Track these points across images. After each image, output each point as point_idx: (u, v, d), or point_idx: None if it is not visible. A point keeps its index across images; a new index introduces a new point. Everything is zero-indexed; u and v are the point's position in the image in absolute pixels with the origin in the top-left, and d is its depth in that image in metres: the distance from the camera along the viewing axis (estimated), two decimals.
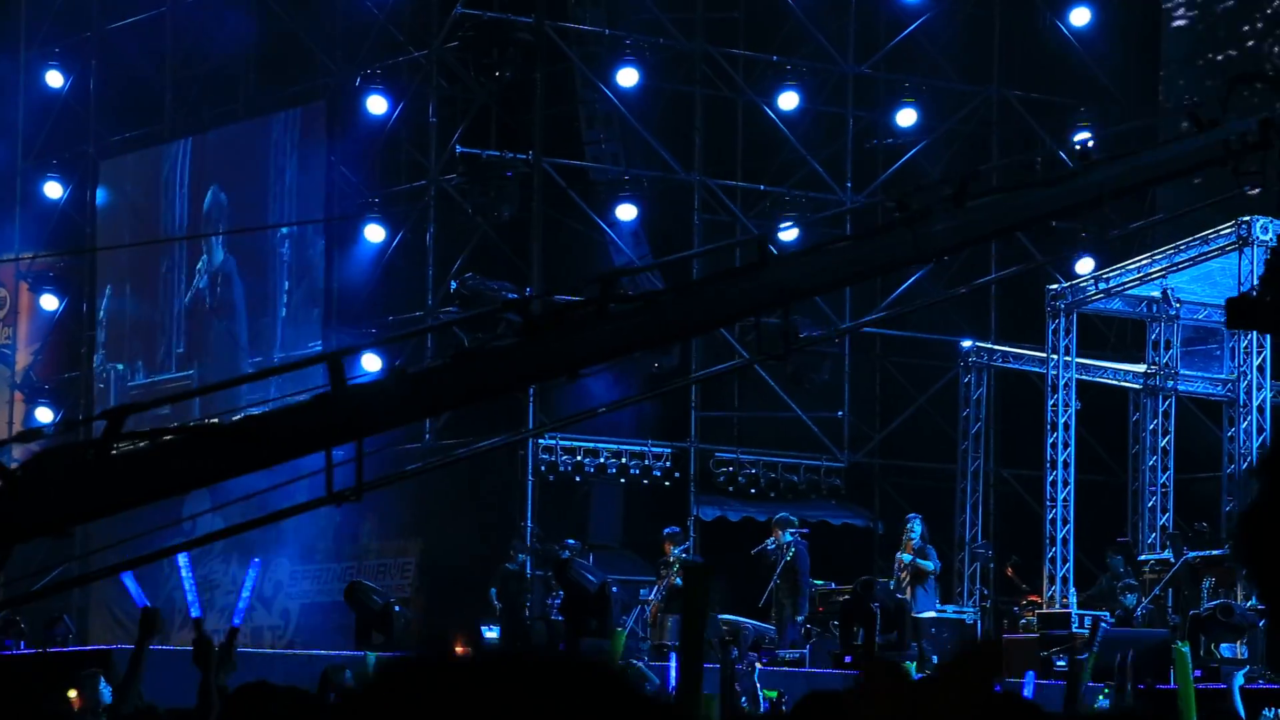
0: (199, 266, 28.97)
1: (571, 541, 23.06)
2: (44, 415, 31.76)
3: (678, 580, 22.33)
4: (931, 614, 22.21)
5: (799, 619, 22.08)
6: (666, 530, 22.59)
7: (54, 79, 31.58)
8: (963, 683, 2.25)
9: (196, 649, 8.68)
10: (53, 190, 31.60)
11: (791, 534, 22.33)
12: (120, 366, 29.79)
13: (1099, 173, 10.95)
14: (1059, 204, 11.01)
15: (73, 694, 15.42)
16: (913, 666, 18.40)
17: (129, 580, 10.40)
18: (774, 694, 18.26)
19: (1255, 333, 22.27)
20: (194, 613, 10.36)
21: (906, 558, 22.29)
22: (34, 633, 23.81)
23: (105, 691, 14.95)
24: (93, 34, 31.24)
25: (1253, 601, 21.00)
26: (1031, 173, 28.65)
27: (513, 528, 24.02)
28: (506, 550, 22.93)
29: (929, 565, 22.07)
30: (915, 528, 22.26)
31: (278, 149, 28.60)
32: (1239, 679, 17.48)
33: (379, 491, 28.24)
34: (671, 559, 22.20)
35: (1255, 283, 21.46)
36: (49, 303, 31.86)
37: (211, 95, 29.93)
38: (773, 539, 22.43)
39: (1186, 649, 11.18)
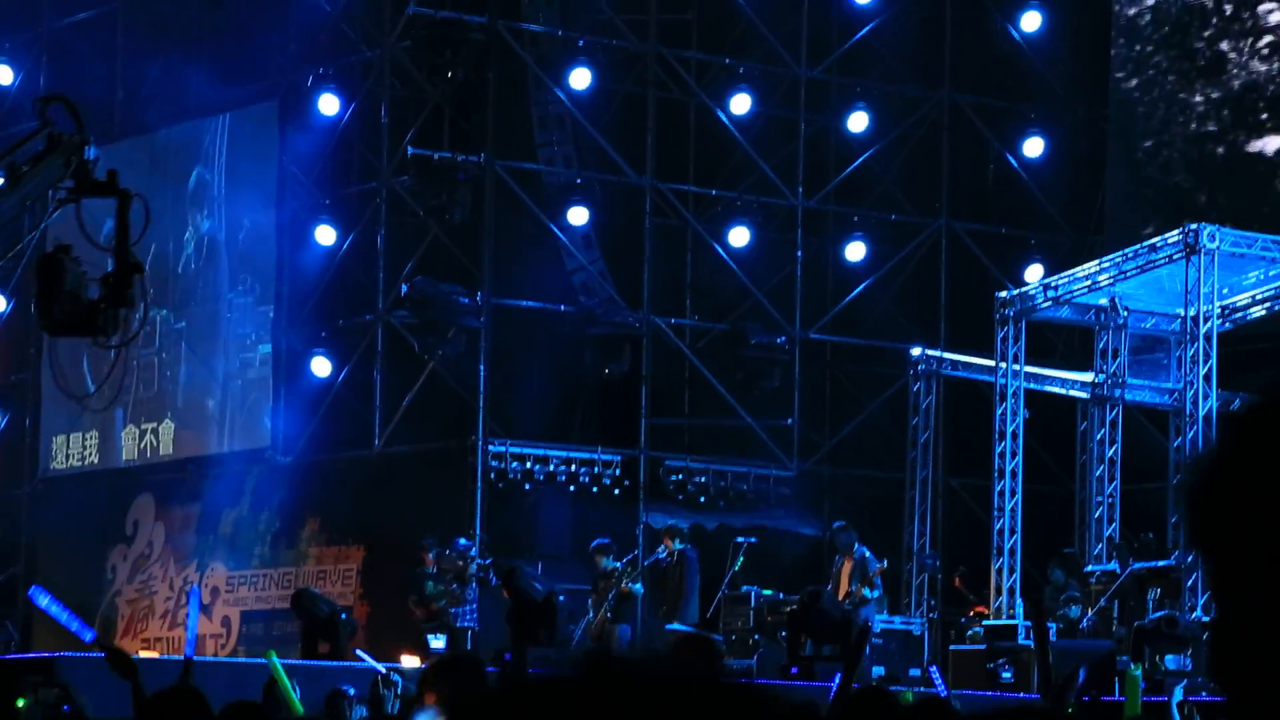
0: (185, 236, 28.80)
1: (463, 543, 22.96)
2: None
3: (634, 586, 22.29)
4: (877, 625, 22.20)
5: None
6: (595, 543, 22.54)
7: (3, 75, 31.36)
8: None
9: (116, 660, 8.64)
10: None
11: (681, 543, 22.32)
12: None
13: None
14: None
15: (21, 704, 15.36)
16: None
17: (40, 599, 10.25)
18: None
19: (1202, 342, 22.33)
20: (188, 653, 10.26)
21: (867, 591, 22.00)
22: None
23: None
24: (43, 30, 31.02)
25: (1198, 613, 21.08)
26: (985, 180, 28.84)
27: (461, 535, 23.94)
28: (425, 555, 22.82)
29: (872, 594, 21.93)
30: (864, 551, 22.14)
31: (227, 148, 28.45)
32: (1178, 693, 17.54)
33: (320, 497, 28.43)
34: (606, 569, 22.14)
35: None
36: None
37: (162, 93, 29.75)
38: (664, 548, 22.42)
39: (1139, 672, 11.23)
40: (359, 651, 17.91)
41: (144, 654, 24.48)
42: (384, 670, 14.89)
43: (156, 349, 29.23)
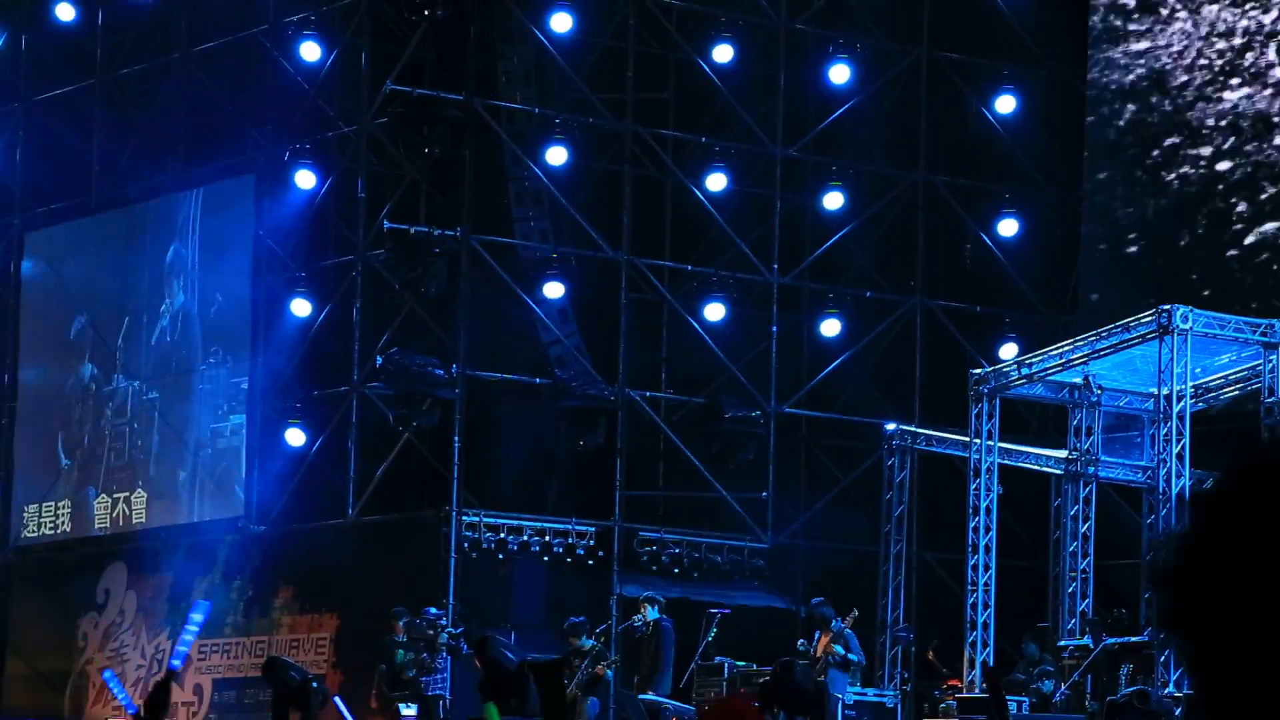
0: (162, 308, 28.81)
1: (433, 612, 22.93)
2: None
3: (608, 671, 22.28)
4: (850, 697, 22.18)
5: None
6: (570, 622, 22.58)
7: None
8: None
9: (153, 695, 8.55)
10: None
11: (657, 612, 22.37)
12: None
13: None
14: None
15: None
16: None
17: (112, 679, 10.28)
18: None
19: (1175, 421, 22.44)
20: (174, 664, 10.15)
21: (843, 651, 22.08)
22: None
23: None
24: (20, 105, 31.13)
25: (1170, 689, 21.08)
26: (960, 259, 29.05)
27: (435, 605, 23.89)
28: (396, 624, 22.80)
29: (852, 657, 21.98)
30: (842, 626, 22.19)
31: (202, 221, 28.53)
32: None
33: (294, 566, 28.41)
34: (585, 647, 22.16)
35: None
36: None
37: (139, 168, 29.85)
38: (640, 616, 22.46)
39: None
40: (337, 699, 17.80)
41: (118, 705, 24.34)
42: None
43: (129, 419, 29.21)
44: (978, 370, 24.67)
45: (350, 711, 15.85)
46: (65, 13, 30.50)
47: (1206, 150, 26.58)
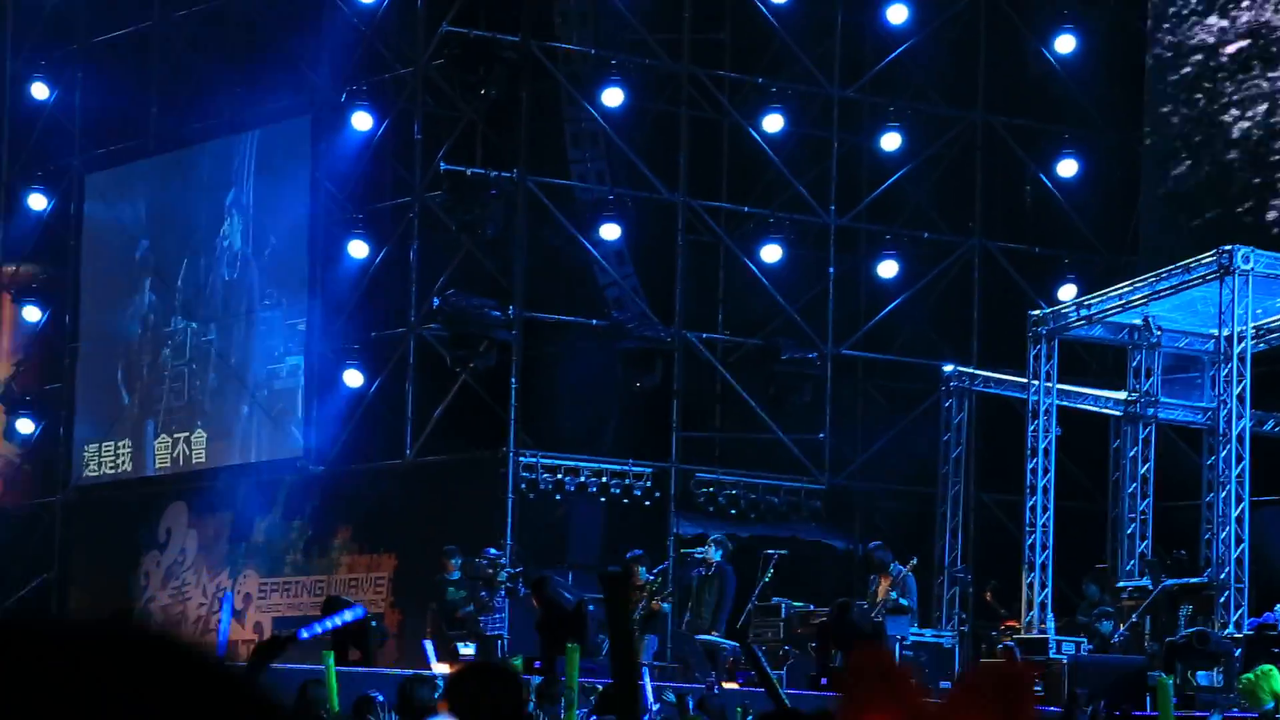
0: (219, 250, 28.86)
1: (492, 552, 23.01)
2: (25, 426, 31.72)
3: (664, 605, 22.34)
4: (909, 638, 22.18)
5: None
6: (630, 554, 22.61)
7: (39, 91, 31.54)
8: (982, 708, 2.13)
9: None
10: (37, 202, 31.55)
11: (721, 554, 22.37)
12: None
13: None
14: None
15: None
16: None
17: (227, 605, 10.30)
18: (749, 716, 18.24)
19: (1235, 362, 22.31)
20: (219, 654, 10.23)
21: (897, 596, 22.11)
22: None
23: None
24: (79, 47, 31.21)
25: (1229, 629, 21.01)
26: (1018, 200, 28.89)
27: (492, 545, 23.97)
28: (448, 563, 22.89)
29: (903, 601, 22.01)
30: (900, 569, 22.19)
31: (261, 163, 28.59)
32: (1216, 716, 17.48)
33: (352, 506, 28.49)
34: (640, 581, 22.18)
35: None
36: (31, 314, 31.83)
37: (196, 110, 29.90)
38: (703, 550, 22.46)
39: (1170, 681, 11.21)
40: (426, 643, 17.82)
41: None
42: (432, 672, 14.82)
43: (187, 360, 29.37)
44: (1036, 311, 24.56)
45: (436, 654, 15.86)
46: None
47: (1269, 89, 26.32)
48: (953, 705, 2.21)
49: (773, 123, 27.46)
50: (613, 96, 26.66)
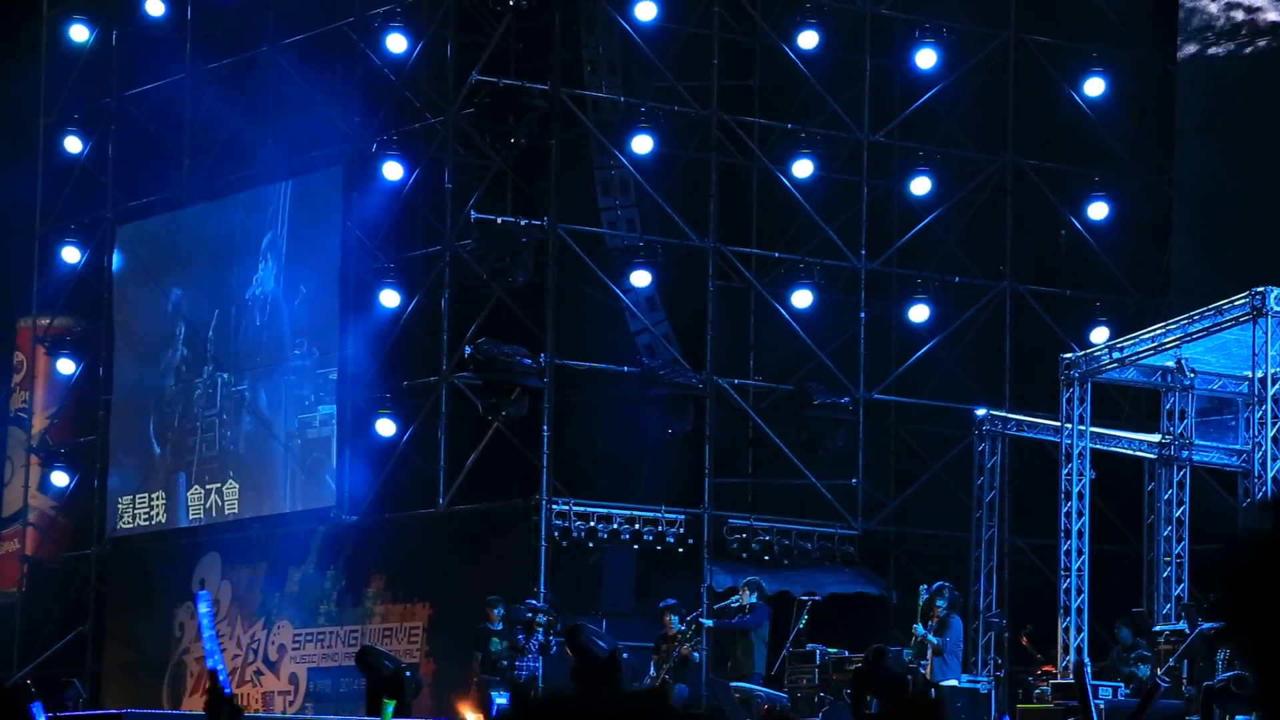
0: (250, 300, 28.98)
1: (533, 602, 23.02)
2: (59, 479, 31.81)
3: (695, 654, 22.34)
4: (954, 683, 22.11)
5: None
6: (664, 603, 22.61)
7: (72, 145, 31.75)
8: None
9: (208, 700, 8.58)
10: (70, 255, 31.72)
11: (755, 597, 22.40)
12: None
13: None
14: None
15: None
16: None
17: (206, 604, 10.34)
18: None
19: (1270, 403, 22.22)
20: (210, 664, 10.25)
21: (920, 629, 22.18)
22: (45, 697, 23.75)
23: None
24: (111, 100, 31.40)
25: None
26: (1049, 243, 28.85)
27: (525, 593, 23.97)
28: (491, 612, 22.93)
29: (935, 640, 21.98)
30: (943, 596, 22.19)
31: (291, 213, 28.70)
32: None
33: (385, 555, 28.50)
34: (673, 632, 22.18)
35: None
36: (65, 367, 31.94)
37: (228, 160, 30.06)
38: (737, 599, 22.49)
39: None
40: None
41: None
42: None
43: (218, 410, 29.44)
44: (1068, 354, 24.50)
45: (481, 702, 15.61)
46: (155, 8, 30.75)
47: None
48: None
49: (802, 168, 27.49)
50: (642, 144, 26.73)
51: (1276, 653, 1.90)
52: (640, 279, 26.64)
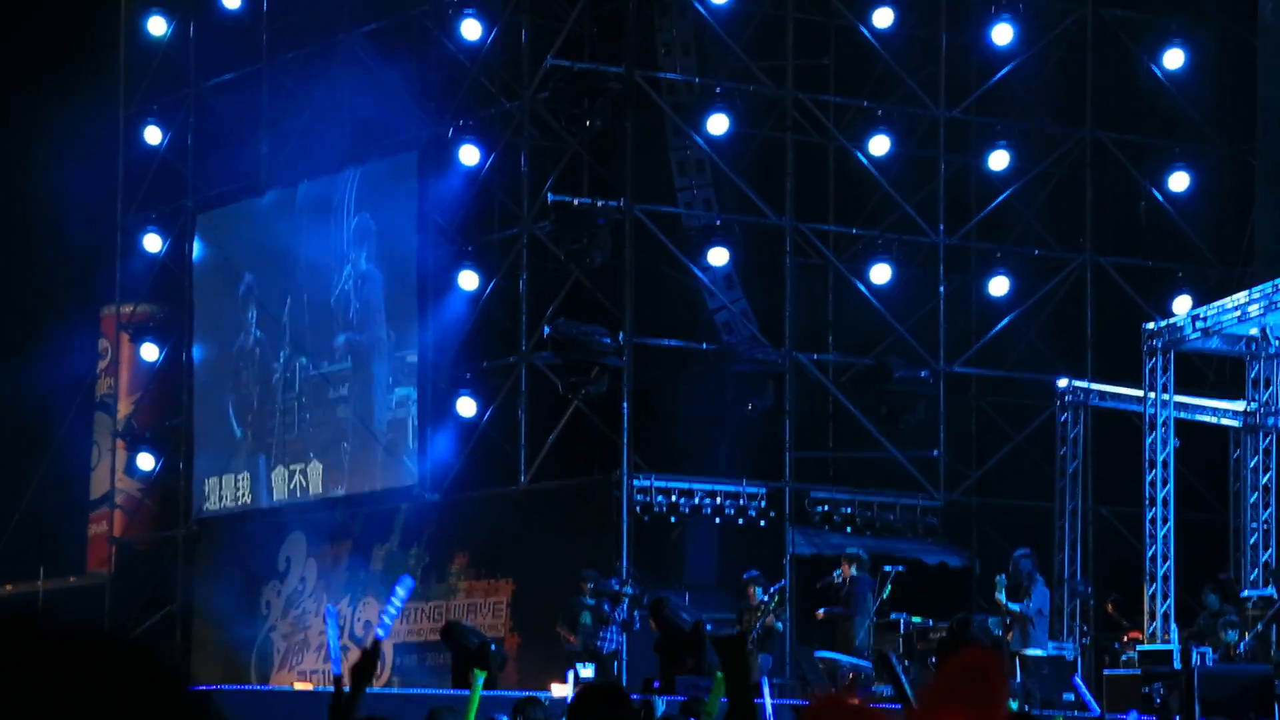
0: (329, 284, 29.17)
1: (616, 583, 23.02)
2: (145, 462, 32.11)
3: (778, 623, 22.34)
4: (1039, 653, 22.02)
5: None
6: (748, 574, 22.64)
7: (152, 135, 32.02)
8: (963, 700, 2.04)
9: (359, 663, 8.56)
10: (152, 243, 32.00)
11: (858, 571, 22.40)
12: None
13: None
14: None
15: None
16: (1014, 704, 18.26)
17: (332, 621, 10.46)
18: None
19: None
20: (335, 670, 10.34)
21: (1002, 597, 22.21)
22: None
23: None
24: (190, 91, 31.66)
25: None
26: (1129, 215, 28.70)
27: (607, 568, 24.02)
28: (584, 585, 23.00)
29: (1016, 608, 21.94)
30: (1016, 568, 22.20)
31: (370, 199, 28.85)
32: None
33: (469, 532, 28.62)
34: (756, 603, 22.20)
35: None
36: (149, 352, 32.24)
37: (305, 148, 30.23)
38: (839, 572, 22.49)
39: None
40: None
41: (299, 686, 24.70)
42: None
43: (297, 393, 29.64)
44: (1151, 325, 24.37)
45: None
46: (231, 0, 30.99)
47: None
48: (931, 700, 2.11)
49: (879, 145, 27.42)
50: (718, 124, 26.73)
51: None
52: (718, 257, 26.64)
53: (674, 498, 25.37)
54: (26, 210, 31.69)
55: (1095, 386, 25.63)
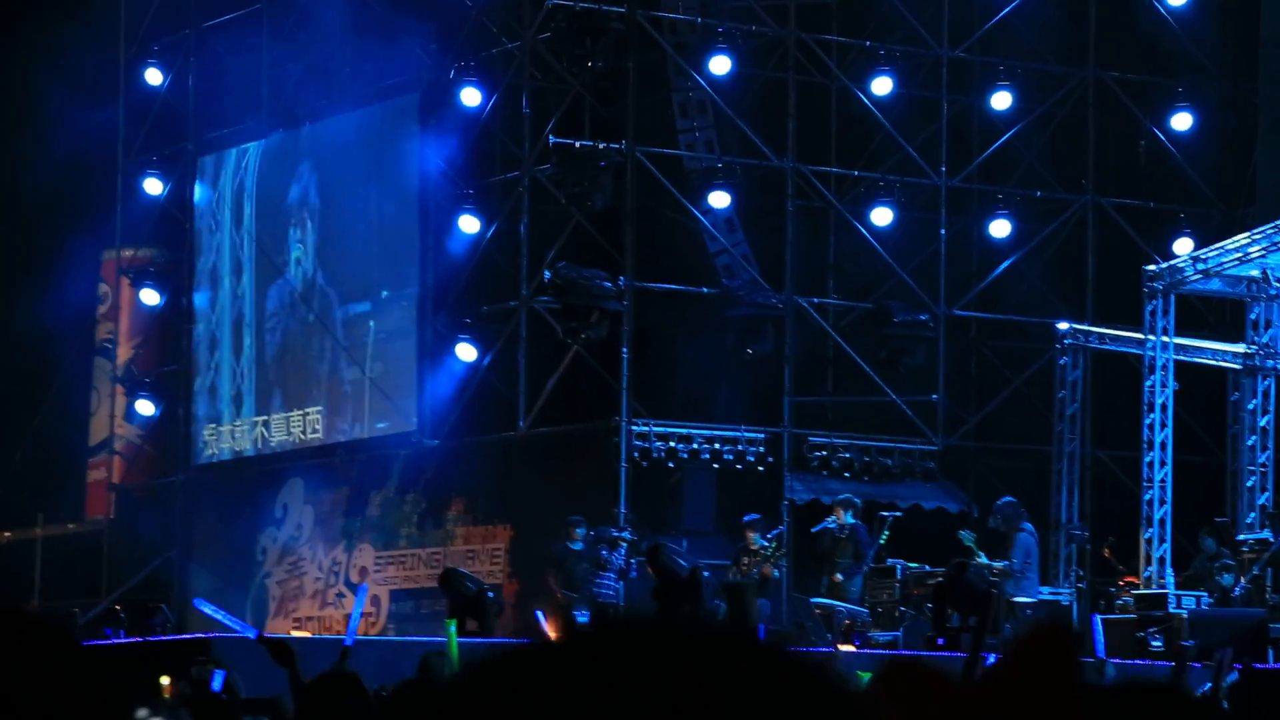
0: (330, 228, 29.13)
1: (614, 530, 22.99)
2: (145, 408, 32.12)
3: (775, 571, 22.33)
4: (1028, 600, 21.96)
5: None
6: (747, 518, 22.58)
7: (153, 77, 31.89)
8: (1035, 675, 1.97)
9: (276, 651, 8.58)
10: (153, 187, 31.92)
11: (853, 517, 22.33)
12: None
13: None
14: None
15: (165, 680, 15.48)
16: None
17: (208, 609, 10.52)
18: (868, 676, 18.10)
19: None
20: (347, 641, 10.38)
21: (977, 550, 22.08)
22: (133, 622, 24.08)
23: (217, 678, 14.84)
24: (190, 32, 31.52)
25: None
26: (1131, 156, 28.53)
27: (605, 514, 24.01)
28: (574, 532, 22.98)
29: (999, 565, 21.81)
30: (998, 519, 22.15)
31: (371, 141, 28.75)
32: None
33: (466, 478, 28.57)
34: (755, 546, 22.17)
35: None
36: (149, 297, 32.19)
37: (307, 89, 30.12)
38: (834, 518, 22.41)
39: None
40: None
41: (295, 633, 24.75)
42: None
43: (296, 339, 29.63)
44: (1152, 267, 24.26)
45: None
46: None
47: None
48: (1000, 679, 2.02)
49: (881, 85, 27.25)
50: (720, 65, 26.58)
51: None
52: (719, 200, 26.53)
53: (672, 443, 25.32)
54: (28, 154, 31.61)
55: (1095, 329, 25.53)
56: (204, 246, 31.21)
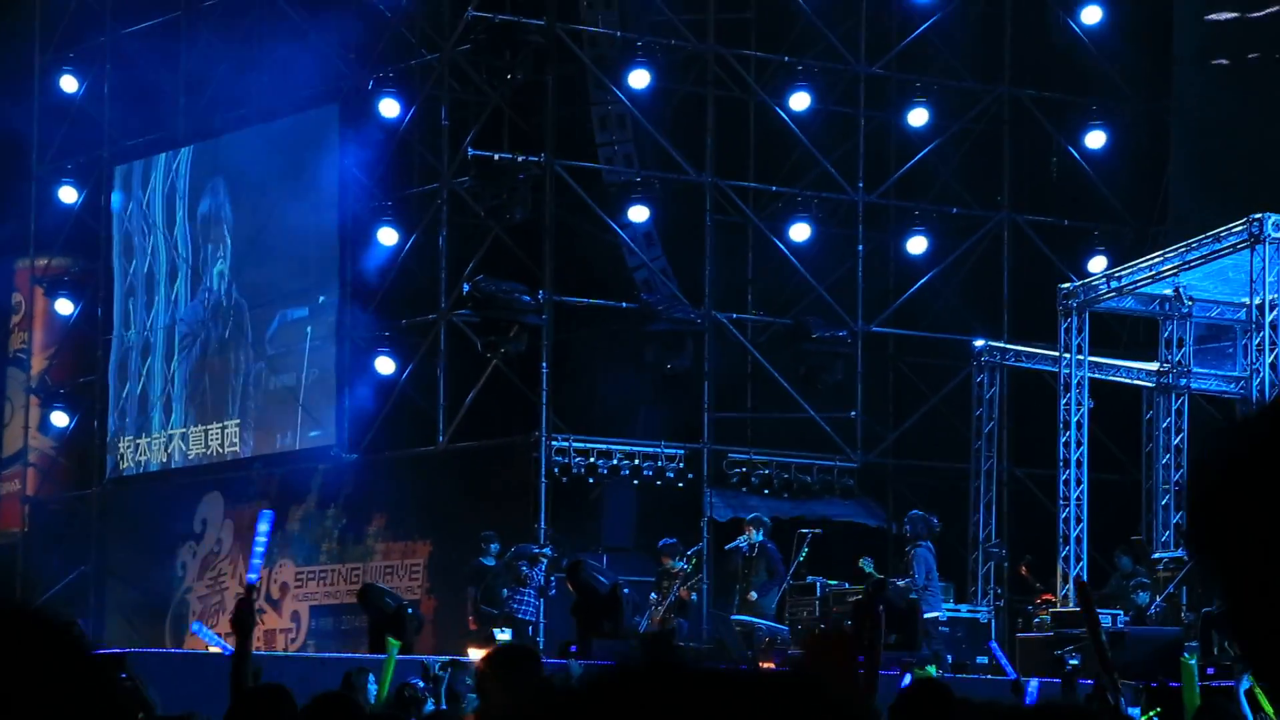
0: (248, 239, 28.98)
1: (535, 547, 23.02)
2: (59, 419, 31.88)
3: (693, 596, 22.44)
4: (935, 615, 22.15)
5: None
6: (662, 543, 22.67)
7: (68, 84, 31.66)
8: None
9: (236, 614, 8.41)
10: (68, 195, 31.67)
11: (762, 534, 22.46)
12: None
13: None
14: None
15: None
16: (931, 670, 18.43)
17: (201, 630, 10.40)
18: None
19: (1268, 330, 22.24)
20: (251, 579, 10.27)
21: (868, 567, 22.30)
22: None
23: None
24: (106, 39, 31.30)
25: None
26: (1046, 173, 28.81)
27: (525, 530, 24.04)
28: (487, 548, 22.96)
29: (900, 582, 21.98)
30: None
31: (290, 150, 28.65)
32: (1246, 680, 17.42)
33: (386, 493, 28.51)
34: (673, 569, 22.27)
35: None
36: (64, 307, 31.94)
37: (224, 99, 29.98)
38: (745, 537, 22.52)
39: (1194, 662, 11.29)
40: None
41: (214, 650, 24.61)
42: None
43: (218, 350, 29.49)
44: (1066, 284, 24.51)
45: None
46: None
47: None
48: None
49: (799, 101, 27.42)
50: (639, 78, 26.67)
51: (1244, 581, 1.90)
52: (638, 214, 26.61)
53: (592, 459, 25.38)
54: None
55: (1011, 347, 25.79)
56: (119, 256, 30.97)
